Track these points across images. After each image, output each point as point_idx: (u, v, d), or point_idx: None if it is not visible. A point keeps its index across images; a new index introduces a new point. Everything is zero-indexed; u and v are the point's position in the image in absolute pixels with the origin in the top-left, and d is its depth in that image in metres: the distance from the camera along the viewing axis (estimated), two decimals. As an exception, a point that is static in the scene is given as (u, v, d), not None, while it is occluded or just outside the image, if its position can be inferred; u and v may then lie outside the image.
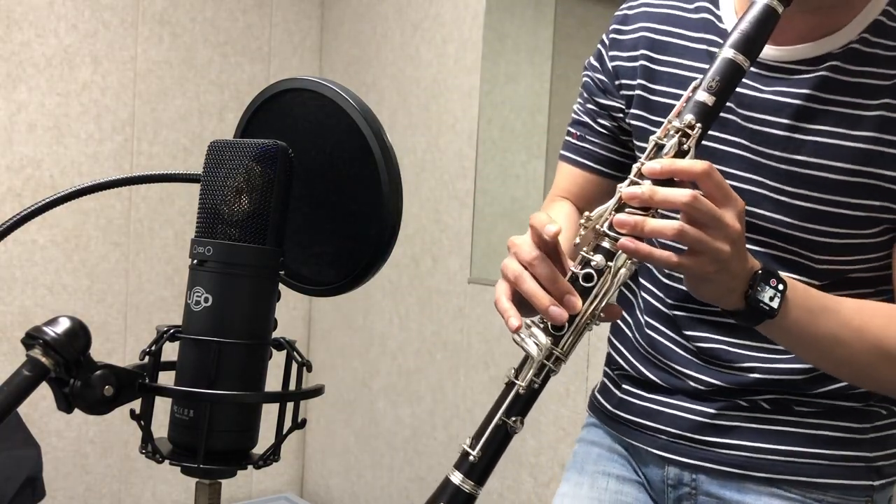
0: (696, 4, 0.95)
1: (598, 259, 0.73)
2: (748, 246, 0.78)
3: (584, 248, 0.74)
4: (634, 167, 0.74)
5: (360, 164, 0.65)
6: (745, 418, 0.93)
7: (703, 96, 0.74)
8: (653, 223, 0.71)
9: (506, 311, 0.76)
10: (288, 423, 0.64)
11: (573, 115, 1.06)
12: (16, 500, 1.81)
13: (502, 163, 2.33)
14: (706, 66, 0.77)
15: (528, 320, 0.75)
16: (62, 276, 2.43)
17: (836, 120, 0.84)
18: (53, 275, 2.41)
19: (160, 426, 0.62)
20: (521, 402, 0.72)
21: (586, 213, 0.74)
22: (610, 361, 1.08)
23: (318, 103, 0.66)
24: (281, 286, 0.66)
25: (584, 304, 0.72)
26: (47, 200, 0.66)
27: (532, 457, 2.06)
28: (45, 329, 0.56)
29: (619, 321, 1.06)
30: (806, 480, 0.91)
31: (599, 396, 1.09)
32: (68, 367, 0.56)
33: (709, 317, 0.94)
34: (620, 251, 0.72)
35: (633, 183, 0.73)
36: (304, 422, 0.65)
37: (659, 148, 0.74)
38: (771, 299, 0.76)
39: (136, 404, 0.61)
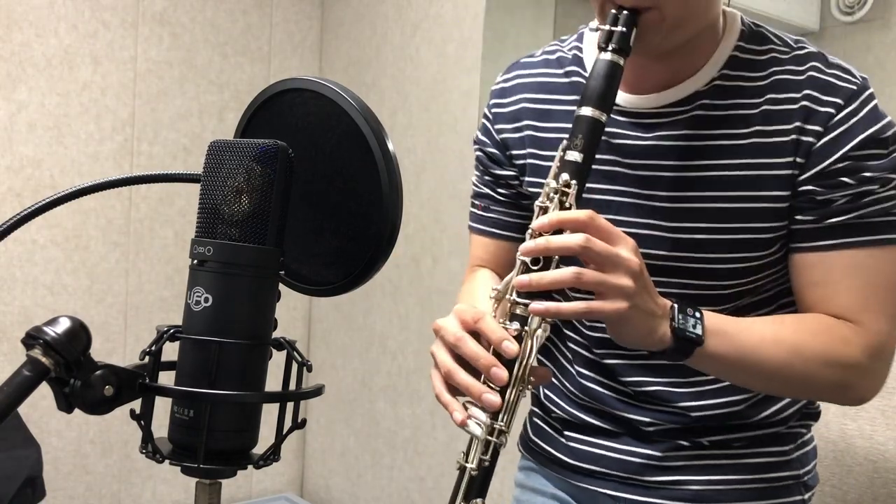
0: (566, 69, 1.00)
1: (514, 326, 0.75)
2: (662, 290, 0.80)
3: (501, 319, 0.76)
4: (528, 232, 0.77)
5: (360, 164, 0.65)
6: (688, 457, 0.96)
7: (572, 155, 0.79)
8: (551, 274, 0.73)
9: (450, 405, 0.77)
10: (288, 423, 0.64)
11: (474, 188, 1.10)
12: (16, 500, 1.81)
13: (502, 163, 2.32)
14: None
15: (466, 401, 0.77)
16: (62, 276, 2.43)
17: (716, 153, 0.88)
18: (53, 275, 2.42)
19: (160, 426, 0.62)
20: (476, 484, 0.74)
21: (493, 287, 0.78)
22: (542, 407, 1.09)
23: (318, 103, 0.66)
24: (281, 286, 0.66)
25: (511, 373, 0.74)
26: (47, 200, 0.66)
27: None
28: (46, 329, 0.55)
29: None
30: None
31: (537, 440, 1.09)
32: (68, 367, 0.56)
33: (640, 360, 0.96)
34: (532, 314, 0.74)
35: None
36: (304, 422, 0.65)
37: (543, 211, 0.79)
38: (694, 327, 0.79)
39: (136, 404, 0.61)
